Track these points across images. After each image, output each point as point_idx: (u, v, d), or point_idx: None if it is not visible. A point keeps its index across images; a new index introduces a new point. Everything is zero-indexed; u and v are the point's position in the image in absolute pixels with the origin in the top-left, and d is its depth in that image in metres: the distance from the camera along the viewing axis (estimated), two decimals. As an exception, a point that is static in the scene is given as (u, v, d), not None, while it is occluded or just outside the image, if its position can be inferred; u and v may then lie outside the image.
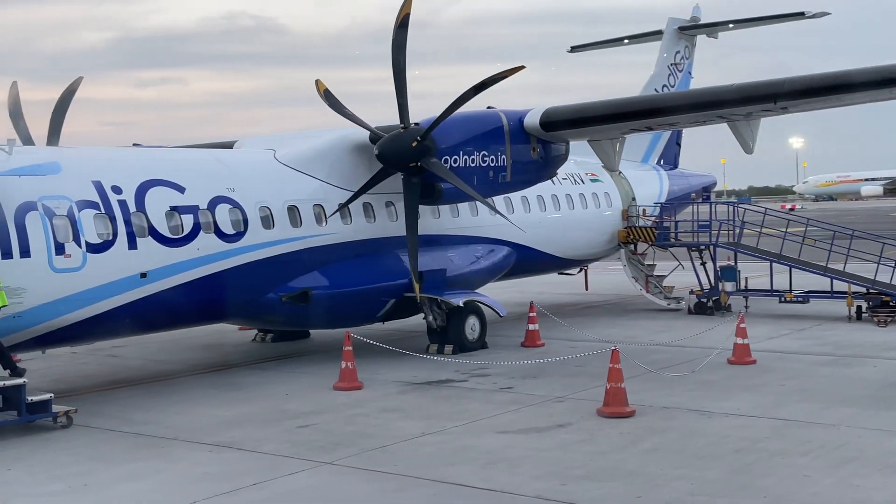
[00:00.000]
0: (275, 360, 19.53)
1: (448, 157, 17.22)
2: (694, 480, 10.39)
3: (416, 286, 17.47)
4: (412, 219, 17.36)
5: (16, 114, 20.16)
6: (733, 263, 25.20)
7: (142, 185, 15.97)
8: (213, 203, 16.75)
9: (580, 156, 25.02)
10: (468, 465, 11.19)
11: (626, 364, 15.14)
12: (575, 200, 24.84)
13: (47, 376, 18.29)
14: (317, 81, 17.84)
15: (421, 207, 19.97)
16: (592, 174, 25.91)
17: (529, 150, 18.33)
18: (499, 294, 26.80)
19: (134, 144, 22.56)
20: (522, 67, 16.00)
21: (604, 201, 25.89)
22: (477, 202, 20.67)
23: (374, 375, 16.95)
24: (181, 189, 16.45)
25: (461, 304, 18.91)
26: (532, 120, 18.21)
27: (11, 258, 13.99)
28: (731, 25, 30.98)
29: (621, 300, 28.24)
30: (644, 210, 26.72)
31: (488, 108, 18.51)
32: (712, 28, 31.24)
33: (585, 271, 28.32)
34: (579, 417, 13.52)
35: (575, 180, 25.17)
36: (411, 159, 16.90)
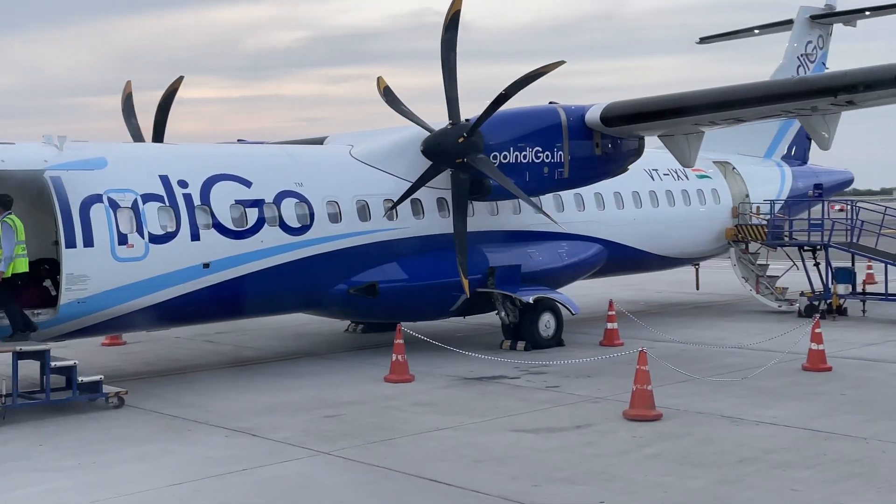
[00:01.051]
0: (355, 350, 20.01)
1: (497, 153, 17.18)
2: (671, 489, 10.08)
3: (465, 282, 17.50)
4: (460, 215, 17.39)
5: (128, 112, 21.45)
6: (850, 265, 23.99)
7: (208, 180, 16.71)
8: (280, 197, 17.33)
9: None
10: (457, 462, 11.23)
11: (686, 366, 14.91)
12: (676, 197, 24.20)
13: (140, 359, 19.50)
14: (378, 79, 18.15)
15: (502, 204, 20.09)
16: (699, 170, 25.14)
17: (592, 145, 18.04)
18: (615, 291, 26.75)
19: (238, 140, 23.60)
20: (563, 62, 15.79)
21: (710, 198, 25.09)
22: (558, 198, 20.58)
23: (431, 369, 17.15)
24: (248, 183, 17.11)
25: (531, 301, 18.82)
26: (594, 115, 17.91)
27: (75, 248, 14.93)
28: (867, 13, 29.30)
29: (736, 301, 27.29)
30: (757, 208, 25.72)
31: (550, 103, 18.34)
32: (848, 16, 29.64)
33: (697, 270, 27.52)
34: (603, 419, 13.30)
35: (678, 176, 24.50)
36: (458, 155, 16.95)
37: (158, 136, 20.86)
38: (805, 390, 15.05)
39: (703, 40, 32.36)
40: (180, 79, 21.00)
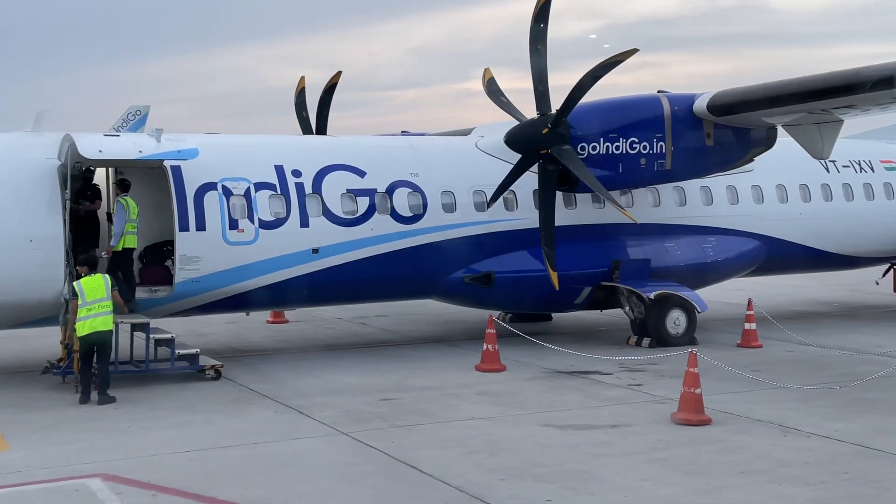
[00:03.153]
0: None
1: (586, 144, 16.71)
2: (636, 493, 9.68)
3: (553, 276, 17.17)
4: (546, 207, 17.08)
5: (300, 105, 22.85)
6: None
7: (322, 170, 17.56)
8: (392, 187, 17.89)
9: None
10: (452, 451, 11.30)
11: (803, 373, 14.97)
12: (856, 190, 22.38)
13: (281, 336, 20.86)
14: (485, 70, 18.17)
15: (637, 196, 19.60)
16: (889, 161, 23.10)
17: (701, 136, 17.12)
18: (798, 291, 25.30)
19: (402, 132, 24.42)
20: (636, 50, 15.12)
21: (901, 191, 23.00)
22: (686, 190, 19.79)
23: (531, 360, 17.12)
24: (361, 173, 17.80)
25: (652, 297, 18.24)
26: (701, 104, 16.98)
27: (188, 231, 16.26)
28: None
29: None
30: (960, 203, 23.23)
31: (659, 91, 17.57)
32: None
33: (894, 271, 25.26)
34: (648, 420, 12.82)
35: (860, 168, 22.65)
36: (542, 146, 16.67)
37: (321, 128, 22.12)
38: (902, 405, 13.69)
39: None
40: (338, 74, 22.07)
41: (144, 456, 11.17)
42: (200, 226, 16.37)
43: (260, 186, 16.98)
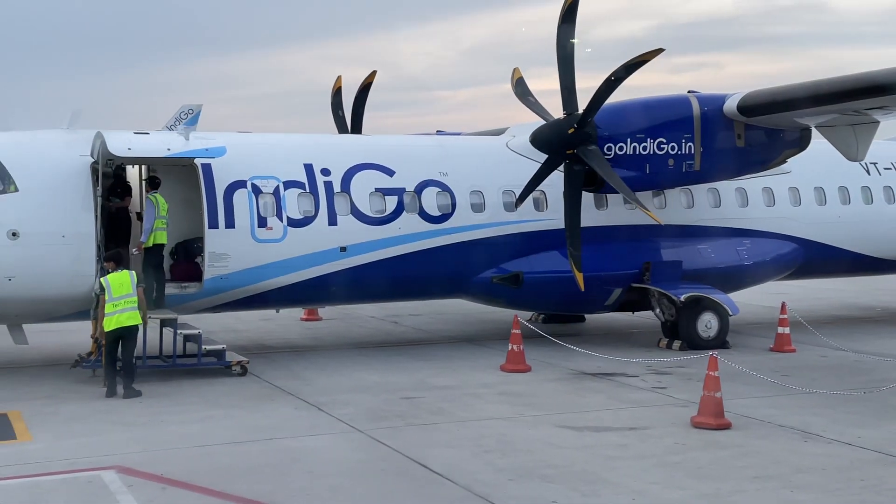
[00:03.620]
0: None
1: (612, 145, 16.56)
2: (643, 497, 9.59)
3: (579, 276, 17.03)
4: (572, 208, 16.95)
5: (336, 105, 23.00)
6: None
7: (351, 169, 17.64)
8: (421, 186, 17.92)
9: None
10: (463, 450, 11.28)
11: (835, 378, 14.80)
12: (899, 193, 21.96)
13: (312, 333, 21.00)
14: (514, 70, 18.08)
15: (670, 197, 19.43)
16: (934, 164, 22.60)
17: (731, 136, 16.88)
18: (841, 295, 24.87)
19: (437, 132, 24.45)
20: (662, 50, 14.94)
21: (951, 196, 22.48)
22: (719, 191, 19.57)
23: (557, 361, 17.04)
24: (390, 172, 17.86)
25: (682, 299, 18.06)
26: (731, 105, 16.75)
27: (217, 228, 16.43)
28: None
29: None
30: None
31: (689, 92, 17.37)
32: None
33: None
34: (668, 423, 12.68)
35: (905, 171, 22.21)
36: (568, 146, 16.55)
37: (356, 127, 22.23)
38: (936, 412, 13.39)
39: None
40: (373, 73, 22.16)
41: (161, 449, 11.32)
42: (230, 223, 16.53)
43: (289, 185, 17.10)
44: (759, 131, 17.11)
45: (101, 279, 14.41)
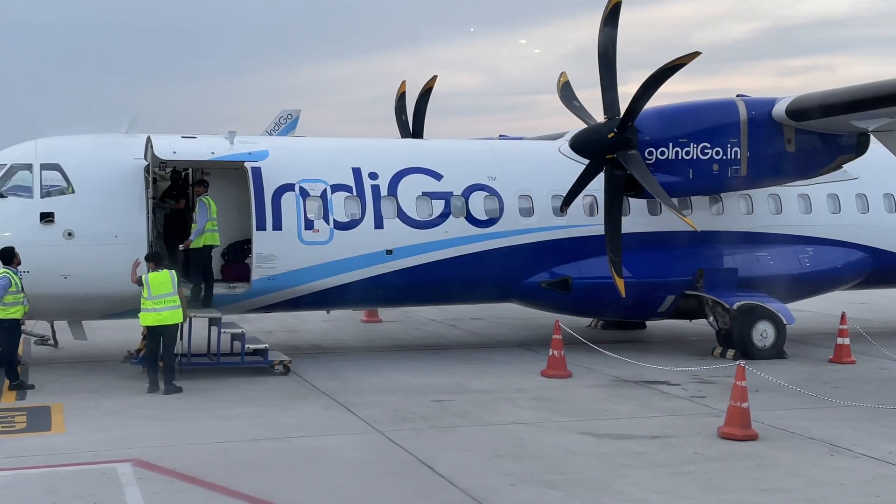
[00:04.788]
0: (570, 345, 20.03)
1: (654, 149, 16.24)
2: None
3: (619, 282, 16.75)
4: (613, 213, 16.68)
5: (399, 110, 23.20)
6: None
7: (399, 172, 17.78)
8: (469, 190, 17.94)
9: None
10: (476, 454, 11.28)
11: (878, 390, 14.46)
12: (984, 201, 21.02)
13: (365, 335, 21.24)
14: (561, 74, 17.91)
15: (727, 203, 19.07)
16: None
17: (781, 141, 16.39)
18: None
19: (500, 136, 24.43)
20: (698, 53, 14.59)
21: None
22: (780, 195, 19.10)
23: (601, 367, 16.86)
24: (438, 177, 17.93)
25: (735, 308, 17.68)
26: (780, 109, 16.26)
27: (264, 230, 16.76)
28: None
29: None
30: None
31: (738, 96, 16.94)
32: None
33: None
34: (693, 433, 12.43)
35: None
36: (608, 151, 16.30)
37: (418, 131, 22.37)
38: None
39: None
40: (434, 78, 22.27)
41: (181, 444, 11.62)
42: (277, 225, 16.84)
43: (336, 188, 17.33)
44: (812, 136, 16.60)
45: (142, 276, 14.84)
